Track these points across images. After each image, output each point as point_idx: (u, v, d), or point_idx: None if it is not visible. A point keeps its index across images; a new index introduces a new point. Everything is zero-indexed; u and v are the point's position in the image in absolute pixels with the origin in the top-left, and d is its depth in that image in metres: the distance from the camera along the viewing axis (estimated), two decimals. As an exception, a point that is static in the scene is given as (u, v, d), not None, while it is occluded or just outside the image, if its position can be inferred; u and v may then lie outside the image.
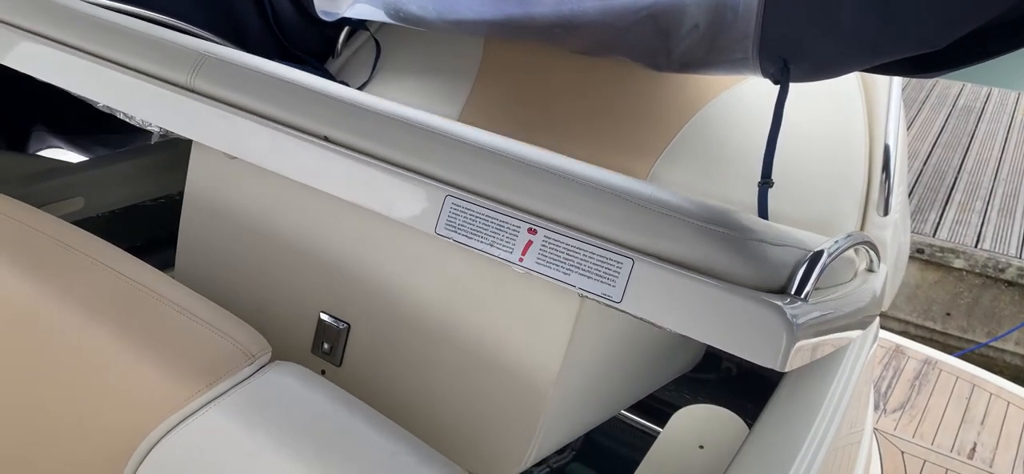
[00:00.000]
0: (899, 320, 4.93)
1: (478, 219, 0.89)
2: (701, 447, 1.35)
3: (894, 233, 1.42)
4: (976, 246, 4.81)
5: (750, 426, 1.34)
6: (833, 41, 1.09)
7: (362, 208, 1.04)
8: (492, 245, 0.87)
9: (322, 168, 0.99)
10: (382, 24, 1.85)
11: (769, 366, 0.75)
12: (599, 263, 0.82)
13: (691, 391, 1.84)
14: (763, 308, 0.75)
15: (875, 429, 2.69)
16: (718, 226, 0.81)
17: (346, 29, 1.89)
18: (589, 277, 0.82)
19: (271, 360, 0.90)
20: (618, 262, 0.81)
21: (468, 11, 1.47)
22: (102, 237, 1.08)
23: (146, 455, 0.79)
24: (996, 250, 4.76)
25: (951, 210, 5.21)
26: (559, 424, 0.99)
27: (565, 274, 0.83)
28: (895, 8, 0.97)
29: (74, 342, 0.89)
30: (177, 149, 1.70)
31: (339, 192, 0.98)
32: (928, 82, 7.06)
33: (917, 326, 4.91)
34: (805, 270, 0.81)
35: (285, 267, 1.12)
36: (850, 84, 1.58)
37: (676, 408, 1.43)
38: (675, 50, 1.31)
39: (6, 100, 1.66)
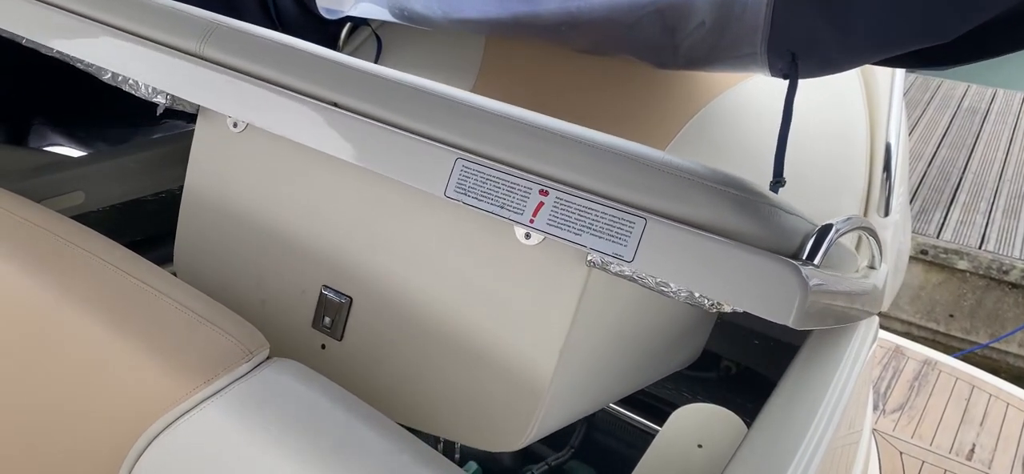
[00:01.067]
0: (902, 321, 4.93)
1: (488, 181, 0.88)
2: (700, 446, 1.35)
3: (894, 234, 1.41)
4: (980, 247, 4.80)
5: (749, 425, 1.34)
6: (843, 33, 1.09)
7: (367, 182, 1.04)
8: (503, 207, 0.87)
9: (331, 132, 0.98)
10: (384, 22, 1.84)
11: (780, 322, 0.75)
12: (611, 223, 0.82)
13: (690, 390, 1.84)
14: (778, 265, 0.76)
15: (874, 429, 2.69)
16: (732, 189, 0.82)
17: (347, 26, 1.89)
18: (600, 237, 0.82)
19: (269, 356, 0.89)
20: (630, 222, 0.81)
21: (473, 10, 1.46)
22: (102, 232, 1.08)
23: (144, 450, 0.79)
24: (1000, 252, 4.76)
25: (955, 211, 5.21)
26: (562, 400, 0.98)
27: (576, 235, 0.83)
28: (904, 1, 0.96)
29: (72, 337, 0.89)
30: (178, 145, 1.70)
31: (348, 156, 0.97)
32: (933, 82, 7.05)
33: (920, 327, 4.91)
34: (815, 241, 0.82)
35: (287, 241, 1.11)
36: (851, 83, 1.58)
37: (675, 406, 1.43)
38: (681, 46, 1.31)
39: (7, 93, 1.66)
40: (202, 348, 0.86)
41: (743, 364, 1.80)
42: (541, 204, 0.86)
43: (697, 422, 1.39)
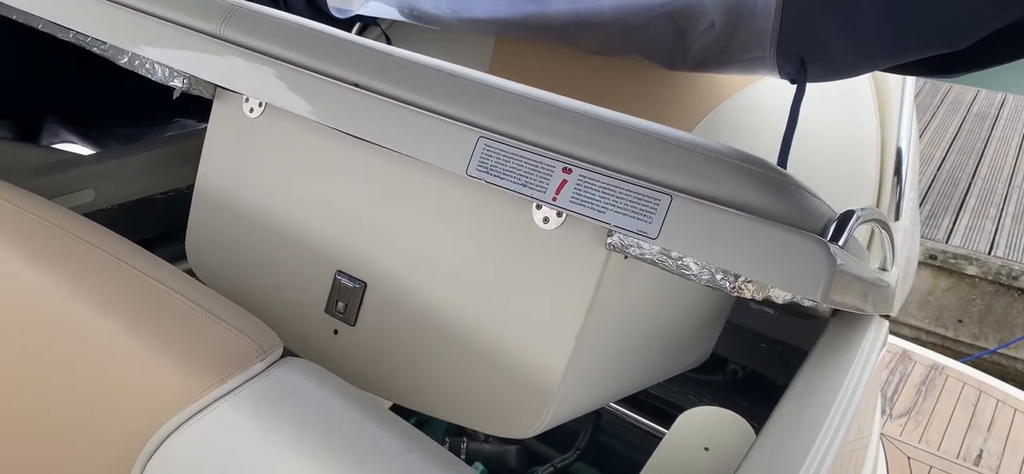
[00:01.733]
0: (911, 326, 4.91)
1: (511, 160, 0.88)
2: (706, 449, 1.34)
3: (904, 239, 1.41)
4: (989, 253, 4.78)
5: (755, 429, 1.33)
6: (853, 39, 1.09)
7: (383, 166, 1.03)
8: (525, 185, 0.87)
9: (353, 112, 0.98)
10: (393, 21, 1.85)
11: (810, 297, 0.75)
12: (635, 200, 0.81)
13: (696, 393, 1.83)
14: (806, 241, 0.75)
15: (881, 434, 2.68)
16: (757, 168, 0.81)
17: (357, 25, 1.89)
18: (624, 214, 0.82)
19: (283, 355, 0.90)
20: (655, 199, 0.81)
21: (482, 9, 1.46)
22: (112, 229, 1.09)
23: (157, 449, 0.79)
24: (1010, 257, 4.74)
25: (965, 216, 5.19)
26: (576, 388, 0.97)
27: (599, 212, 0.83)
28: (916, 6, 0.96)
29: (85, 335, 0.89)
30: (187, 143, 1.71)
31: (369, 135, 0.97)
32: (942, 87, 7.03)
33: (929, 332, 4.89)
34: (838, 224, 0.82)
35: (302, 227, 1.11)
36: (862, 87, 1.57)
37: (681, 409, 1.43)
38: (691, 48, 1.31)
39: (19, 92, 1.67)
40: (216, 347, 0.86)
41: (750, 367, 1.80)
42: (564, 182, 0.85)
43: (704, 425, 1.39)
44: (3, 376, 0.91)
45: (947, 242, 4.89)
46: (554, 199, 0.85)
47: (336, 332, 1.07)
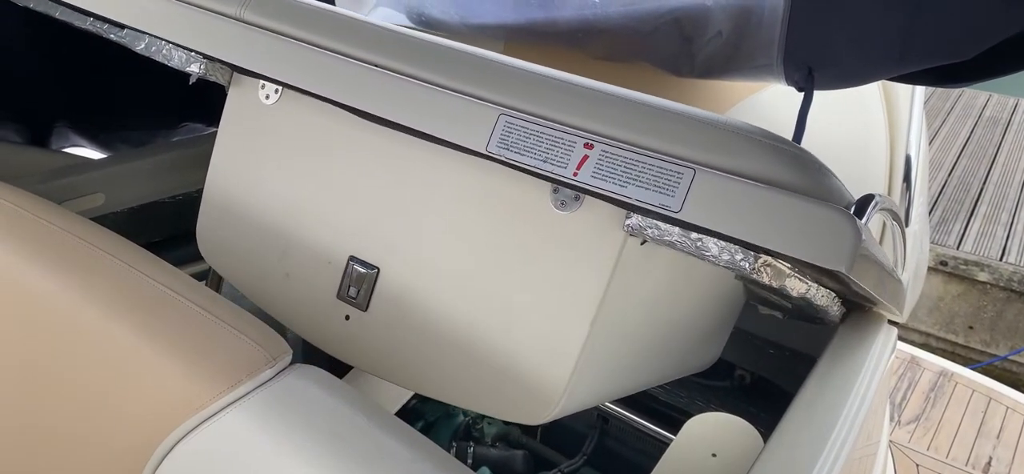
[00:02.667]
0: (921, 332, 4.89)
1: (532, 136, 0.88)
2: (714, 455, 1.34)
3: (913, 246, 1.41)
4: (1001, 259, 4.76)
5: (763, 435, 1.33)
6: (860, 48, 1.09)
7: (398, 151, 1.03)
8: (545, 160, 0.86)
9: (372, 91, 0.98)
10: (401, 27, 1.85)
11: (835, 268, 0.74)
12: (658, 174, 0.81)
13: (703, 398, 1.83)
14: (831, 212, 0.75)
15: (890, 441, 2.67)
16: (781, 144, 0.81)
17: None
18: (646, 188, 0.81)
19: (292, 362, 0.90)
20: (678, 173, 0.80)
21: (490, 16, 1.47)
22: (121, 233, 1.09)
23: (166, 456, 0.79)
24: (1022, 264, 4.72)
25: (976, 222, 5.16)
26: (590, 375, 0.96)
27: (621, 187, 0.82)
28: (923, 16, 0.96)
29: (95, 340, 0.89)
30: (196, 148, 1.72)
31: (388, 114, 0.97)
32: (953, 92, 7.00)
33: (939, 338, 4.87)
34: (859, 205, 0.82)
35: (315, 212, 1.11)
36: (871, 93, 1.57)
37: (688, 415, 1.43)
38: (698, 55, 1.31)
39: (30, 97, 1.68)
40: (225, 353, 0.86)
41: (757, 373, 1.80)
42: (585, 157, 0.85)
43: (711, 431, 1.38)
44: (11, 381, 0.91)
45: (958, 248, 4.87)
46: (575, 174, 0.85)
47: (347, 318, 1.07)
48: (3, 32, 1.55)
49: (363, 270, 1.06)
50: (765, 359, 1.71)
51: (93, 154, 1.76)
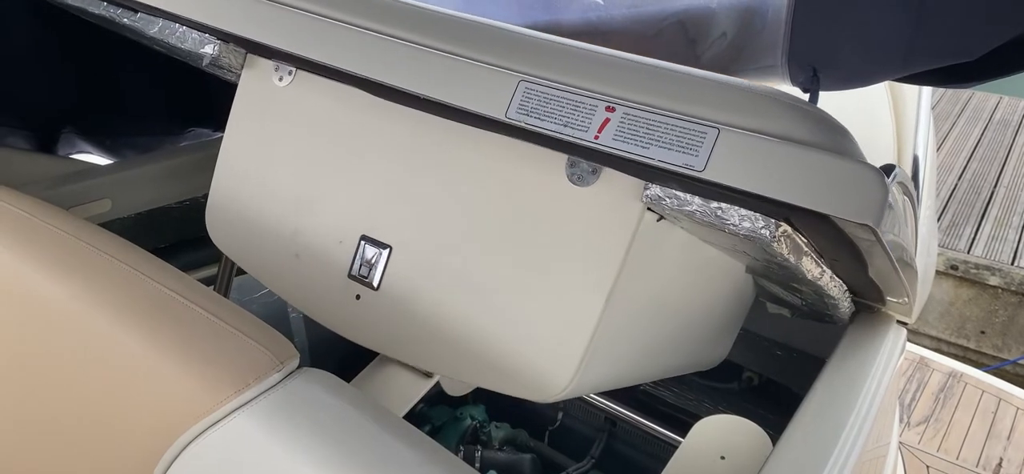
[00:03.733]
0: (932, 337, 4.87)
1: (552, 101, 0.87)
2: (722, 458, 1.33)
3: (921, 248, 1.40)
4: (1013, 263, 4.73)
5: (771, 437, 1.32)
6: (865, 49, 1.08)
7: (412, 129, 1.03)
8: (566, 125, 0.86)
9: (390, 62, 0.98)
10: None
11: (863, 221, 0.73)
12: (681, 134, 0.80)
13: (711, 400, 1.83)
14: (859, 167, 0.74)
15: (900, 442, 2.66)
16: (805, 106, 0.80)
17: None
18: (669, 149, 0.80)
19: (299, 366, 0.90)
20: (701, 132, 0.79)
21: (493, 18, 1.47)
22: (128, 239, 1.09)
23: (174, 460, 0.79)
24: (1034, 268, 4.69)
25: (987, 226, 5.13)
26: (605, 352, 0.95)
27: (643, 148, 0.81)
28: (929, 16, 0.96)
29: (103, 345, 0.90)
30: (203, 153, 1.72)
31: (406, 84, 0.97)
32: (964, 95, 6.96)
33: (950, 343, 4.84)
34: (883, 169, 0.80)
35: (327, 192, 1.11)
36: (877, 94, 1.56)
37: (697, 418, 1.42)
38: (703, 57, 1.31)
39: (37, 103, 1.69)
40: (233, 358, 0.87)
41: (765, 375, 1.79)
42: (607, 121, 0.84)
43: (720, 433, 1.38)
44: (20, 386, 0.91)
45: (969, 252, 4.84)
46: (596, 137, 0.84)
47: (358, 297, 1.06)
48: (10, 39, 1.56)
49: (375, 249, 1.05)
50: (773, 361, 1.70)
51: (100, 160, 1.76)
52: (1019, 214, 5.26)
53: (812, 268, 0.93)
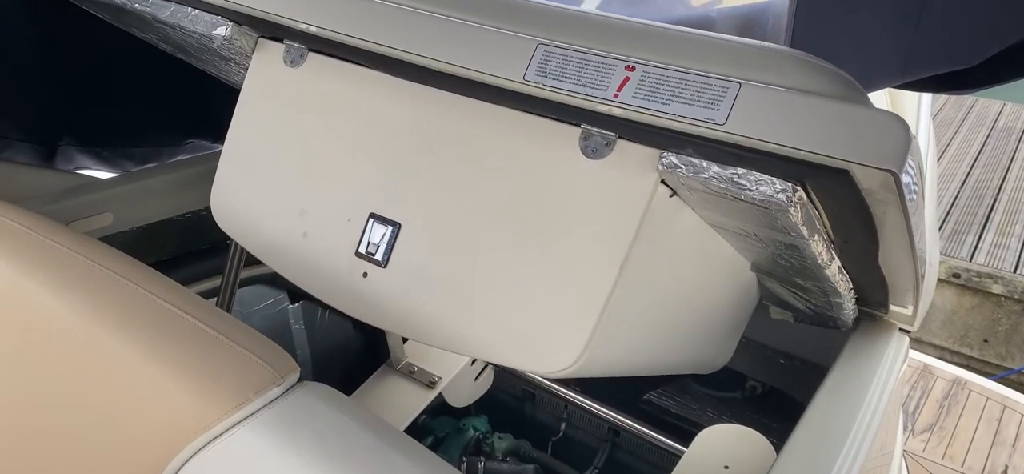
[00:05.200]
0: (935, 346, 4.84)
1: (570, 63, 0.87)
2: (726, 468, 1.33)
3: (925, 255, 1.40)
4: (1015, 271, 4.71)
5: (775, 446, 1.32)
6: (864, 56, 1.08)
7: (422, 106, 1.03)
8: (585, 86, 0.85)
9: (404, 30, 0.98)
10: None
11: (887, 167, 0.72)
12: (702, 90, 0.80)
13: (715, 410, 1.82)
14: (881, 114, 0.73)
15: (904, 450, 2.65)
16: (823, 63, 0.80)
17: None
18: (690, 104, 0.80)
19: (301, 378, 0.90)
20: (723, 87, 0.79)
21: None
22: (129, 252, 1.09)
23: None
24: (1036, 276, 4.67)
25: (989, 233, 5.12)
26: (616, 328, 0.95)
27: (664, 105, 0.81)
28: (928, 24, 0.96)
29: (103, 361, 0.90)
30: (204, 166, 1.72)
31: (422, 51, 0.97)
32: (967, 102, 6.95)
33: (953, 352, 4.82)
34: None
35: (335, 172, 1.11)
36: (878, 102, 1.56)
37: (700, 427, 1.42)
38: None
39: (36, 116, 1.69)
40: (233, 372, 0.87)
41: (769, 384, 1.78)
42: (626, 80, 0.84)
43: (723, 443, 1.38)
44: (22, 401, 0.91)
45: (971, 260, 4.82)
46: (616, 95, 0.84)
47: (365, 275, 1.06)
48: (9, 52, 1.56)
49: (384, 227, 1.05)
50: (777, 369, 1.70)
51: (100, 173, 1.77)
52: (1022, 222, 5.24)
53: (822, 252, 0.92)
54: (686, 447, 1.40)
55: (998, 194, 5.61)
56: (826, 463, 0.93)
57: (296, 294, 1.99)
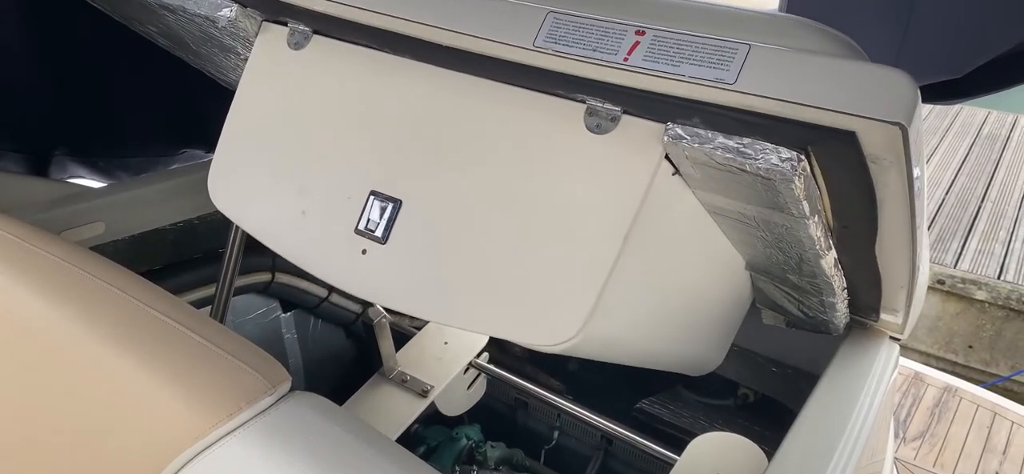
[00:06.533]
0: (920, 352, 4.87)
1: (580, 29, 0.88)
2: (718, 475, 1.33)
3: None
4: (999, 277, 4.74)
5: (767, 454, 1.32)
6: None
7: (427, 83, 1.03)
8: (595, 50, 0.86)
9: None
10: None
11: (895, 119, 0.73)
12: (712, 52, 0.81)
13: (707, 418, 1.82)
14: (888, 70, 0.74)
15: (895, 458, 2.65)
16: (830, 28, 0.81)
17: None
18: (700, 65, 0.81)
19: (293, 387, 0.90)
20: (733, 48, 0.80)
21: None
22: (122, 261, 1.09)
23: None
24: (1020, 282, 4.70)
25: (974, 240, 5.15)
26: (618, 301, 0.94)
27: (674, 67, 0.82)
28: (916, 33, 0.97)
29: (93, 370, 0.89)
30: (196, 175, 1.72)
31: (432, 20, 0.97)
32: (952, 110, 7.01)
33: (938, 358, 4.85)
34: None
35: (337, 151, 1.11)
36: None
37: (693, 435, 1.42)
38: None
39: (29, 125, 1.69)
40: (224, 382, 0.86)
41: (761, 392, 1.79)
42: (636, 44, 0.85)
43: (715, 451, 1.38)
44: (11, 412, 0.91)
45: (956, 266, 4.86)
46: (626, 59, 0.85)
47: (364, 252, 1.05)
48: (2, 63, 1.56)
49: (384, 203, 1.05)
50: (768, 377, 1.70)
51: (93, 182, 1.76)
52: (1006, 229, 5.29)
53: (820, 237, 0.92)
54: (678, 455, 1.40)
55: (982, 201, 5.65)
56: (817, 470, 0.93)
57: (289, 303, 1.99)
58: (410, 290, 1.02)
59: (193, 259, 1.33)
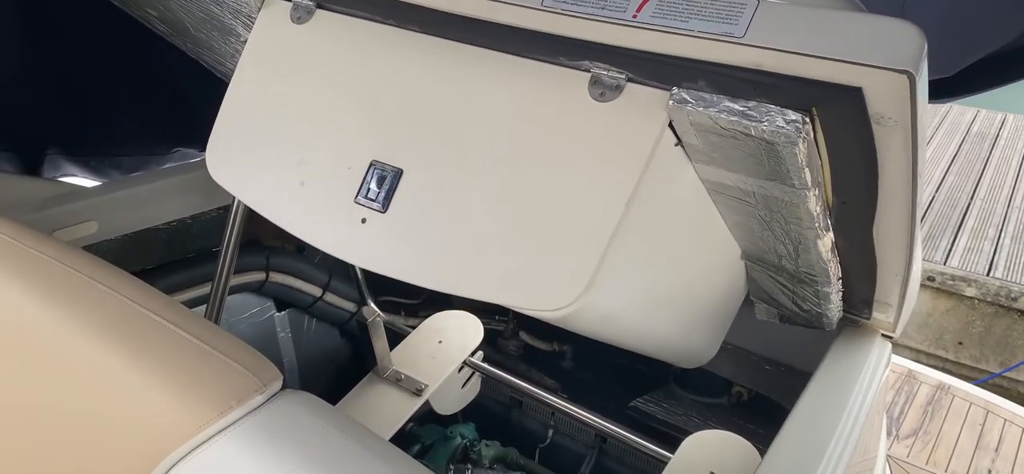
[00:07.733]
0: (910, 349, 4.89)
1: None
2: (712, 473, 1.34)
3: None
4: (988, 274, 4.77)
5: (761, 452, 1.32)
6: None
7: (429, 53, 1.04)
8: (604, 8, 0.87)
9: None
10: None
11: (904, 68, 0.73)
12: (722, 7, 0.82)
13: (701, 416, 1.83)
14: (895, 22, 0.75)
15: (888, 456, 2.66)
16: None
17: None
18: (709, 20, 0.82)
19: (288, 386, 0.90)
20: (741, 4, 0.81)
21: None
22: (114, 261, 1.09)
23: None
24: (1009, 278, 4.72)
25: (963, 237, 5.18)
26: (616, 269, 0.94)
27: (683, 22, 0.83)
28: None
29: (85, 370, 0.89)
30: (189, 174, 1.72)
31: None
32: (941, 108, 7.03)
33: (929, 355, 4.87)
34: None
35: (338, 122, 1.11)
36: None
37: (686, 433, 1.42)
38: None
39: (22, 125, 1.68)
40: (215, 381, 0.86)
41: (754, 390, 1.79)
42: (645, 1, 0.86)
43: (709, 449, 1.38)
44: (2, 410, 0.91)
45: (945, 264, 4.88)
46: (635, 16, 0.85)
47: (364, 221, 1.06)
48: (-4, 63, 1.56)
49: (385, 173, 1.05)
50: (761, 375, 1.71)
51: (86, 182, 1.76)
52: (994, 226, 5.31)
53: (819, 215, 0.93)
54: (672, 453, 1.40)
55: (972, 198, 5.68)
56: (809, 467, 0.93)
57: (283, 302, 1.98)
58: (409, 258, 1.02)
59: (186, 258, 1.33)
